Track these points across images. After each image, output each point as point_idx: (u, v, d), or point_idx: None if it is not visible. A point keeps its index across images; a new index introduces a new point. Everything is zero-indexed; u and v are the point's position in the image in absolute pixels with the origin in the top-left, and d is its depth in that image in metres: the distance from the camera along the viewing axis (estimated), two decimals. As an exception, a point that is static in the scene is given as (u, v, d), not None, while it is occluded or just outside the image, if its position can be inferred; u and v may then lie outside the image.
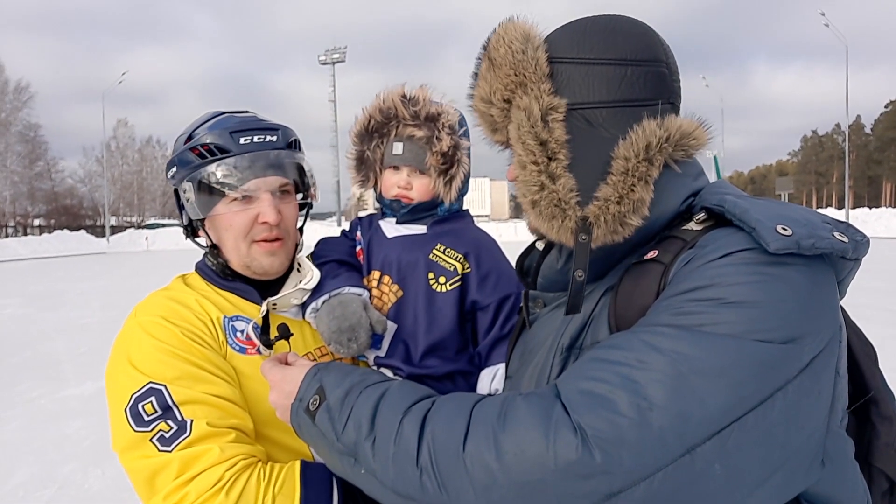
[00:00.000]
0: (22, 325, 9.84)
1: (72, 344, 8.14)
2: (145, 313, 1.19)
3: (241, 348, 1.21)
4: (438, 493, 0.74)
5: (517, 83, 0.91)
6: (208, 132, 1.26)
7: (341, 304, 1.30)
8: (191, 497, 0.99)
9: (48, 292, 14.55)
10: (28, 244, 35.17)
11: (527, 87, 0.90)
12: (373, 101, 1.45)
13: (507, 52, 0.91)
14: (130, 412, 1.05)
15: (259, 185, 1.24)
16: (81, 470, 4.01)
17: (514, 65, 0.91)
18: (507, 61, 0.91)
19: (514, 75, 0.91)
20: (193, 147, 1.25)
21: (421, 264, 1.37)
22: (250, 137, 1.25)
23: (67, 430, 4.80)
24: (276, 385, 1.03)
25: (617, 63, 0.90)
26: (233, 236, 1.26)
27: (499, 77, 0.92)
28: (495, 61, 0.93)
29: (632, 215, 0.84)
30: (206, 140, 1.24)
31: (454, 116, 1.39)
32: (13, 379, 6.41)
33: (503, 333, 1.36)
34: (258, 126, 1.28)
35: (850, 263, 0.78)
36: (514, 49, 0.91)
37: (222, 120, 1.29)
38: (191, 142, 1.26)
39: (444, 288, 1.36)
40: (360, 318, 1.29)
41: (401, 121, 1.41)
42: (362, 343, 1.29)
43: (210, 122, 1.29)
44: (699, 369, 0.69)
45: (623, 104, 0.89)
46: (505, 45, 0.92)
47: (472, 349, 1.40)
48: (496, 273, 1.39)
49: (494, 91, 0.93)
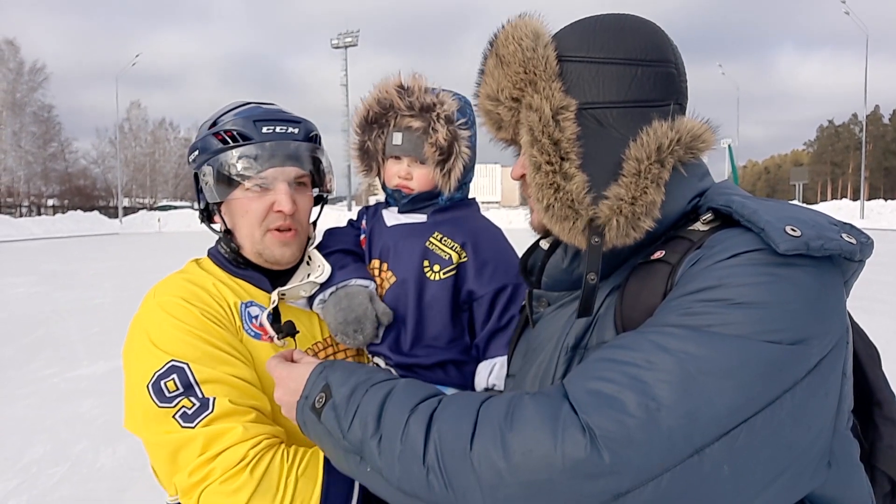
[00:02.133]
0: (35, 304, 9.96)
1: (84, 324, 8.24)
2: (165, 294, 1.21)
3: (255, 334, 1.23)
4: (445, 491, 0.74)
5: (527, 81, 0.89)
6: (233, 119, 1.29)
7: (348, 295, 1.31)
8: (216, 473, 1.01)
9: (61, 272, 14.72)
10: (42, 224, 35.58)
11: (537, 86, 0.89)
12: (371, 90, 1.44)
13: (516, 50, 0.90)
14: (153, 388, 1.07)
15: (276, 175, 1.26)
16: (93, 448, 4.08)
17: (523, 62, 0.89)
18: (517, 59, 0.90)
19: (524, 73, 0.89)
20: (217, 132, 1.28)
21: (416, 252, 1.37)
22: (273, 128, 1.28)
23: (79, 408, 4.87)
24: (282, 382, 1.03)
25: (627, 63, 0.89)
26: (248, 222, 1.28)
27: (507, 75, 0.91)
28: (504, 59, 0.91)
29: (644, 217, 0.84)
30: (230, 126, 1.27)
31: (451, 106, 1.37)
32: (27, 357, 6.51)
33: (500, 325, 1.35)
34: (281, 118, 1.30)
35: (854, 265, 0.78)
36: (524, 46, 0.90)
37: (248, 109, 1.32)
38: (215, 127, 1.29)
39: (437, 276, 1.35)
40: (366, 310, 1.30)
41: (398, 111, 1.40)
42: (368, 335, 1.30)
43: (235, 110, 1.32)
44: (707, 370, 0.68)
45: (633, 104, 0.88)
46: (514, 43, 0.90)
47: (467, 339, 1.39)
48: (493, 263, 1.38)
49: (502, 89, 0.92)
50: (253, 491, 1.00)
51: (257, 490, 1.00)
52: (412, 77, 1.40)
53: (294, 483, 1.03)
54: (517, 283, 1.36)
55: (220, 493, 1.00)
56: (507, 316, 1.35)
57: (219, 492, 1.00)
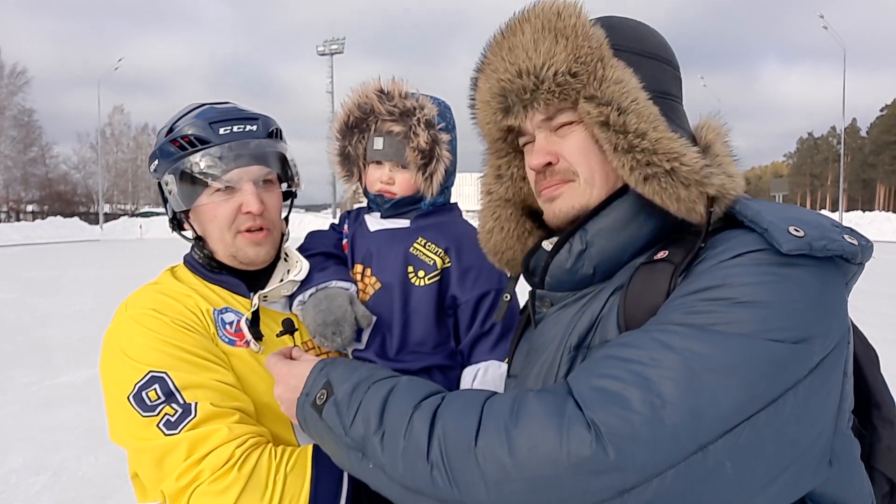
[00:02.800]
0: (15, 311, 9.79)
1: (65, 331, 8.10)
2: (136, 306, 1.19)
3: (230, 340, 1.22)
4: (449, 488, 0.74)
5: (596, 56, 0.86)
6: (188, 124, 1.26)
7: (327, 297, 1.30)
8: (205, 474, 1.00)
9: (41, 279, 14.47)
10: (21, 230, 34.99)
11: (606, 61, 0.87)
12: (350, 95, 1.43)
13: (577, 24, 0.87)
14: (135, 399, 1.06)
15: (241, 175, 1.25)
16: (75, 457, 4.00)
17: (588, 36, 0.87)
18: (580, 32, 0.87)
19: (589, 47, 0.86)
20: (174, 139, 1.25)
21: (400, 258, 1.36)
22: (230, 127, 1.25)
23: (61, 416, 4.78)
24: (282, 379, 1.03)
25: (658, 59, 0.93)
26: (217, 227, 1.26)
27: (566, 48, 0.86)
28: (562, 31, 0.86)
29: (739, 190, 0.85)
30: (187, 132, 1.25)
31: (431, 110, 1.37)
32: (6, 365, 6.38)
33: (483, 330, 1.35)
34: (238, 116, 1.28)
35: (854, 268, 0.79)
36: (582, 21, 0.88)
37: (202, 111, 1.29)
38: (171, 134, 1.27)
39: (422, 282, 1.35)
40: (345, 313, 1.29)
41: (378, 116, 1.40)
42: (346, 337, 1.29)
43: (190, 113, 1.30)
44: (711, 367, 0.69)
45: (670, 98, 0.92)
46: (574, 17, 0.88)
47: (453, 344, 1.38)
48: (476, 269, 1.36)
49: (552, 64, 0.86)
50: (242, 489, 0.99)
51: (246, 488, 1.00)
52: (392, 82, 1.40)
53: (283, 479, 1.02)
54: (500, 289, 1.35)
55: (210, 494, 1.00)
56: (490, 321, 1.34)
57: (208, 492, 1.00)
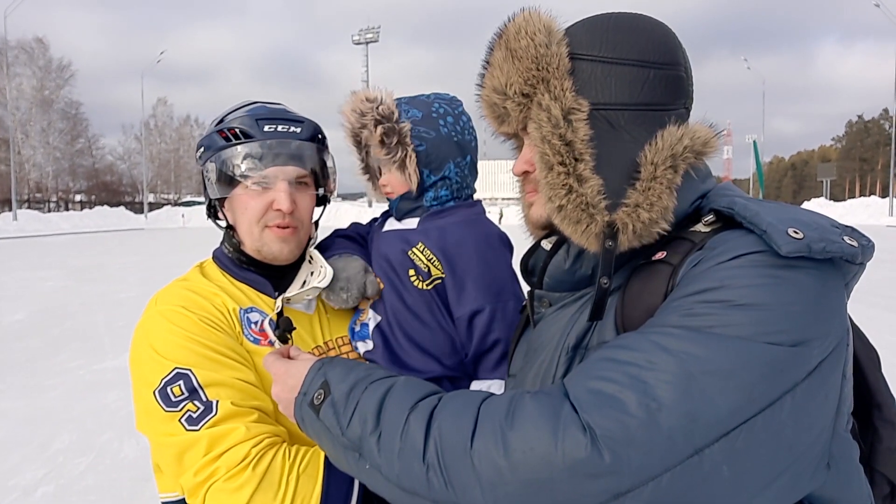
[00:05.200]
0: (63, 297, 10.18)
1: (110, 317, 8.40)
2: (165, 303, 1.24)
3: (255, 339, 1.25)
4: (444, 489, 0.74)
5: (539, 78, 0.88)
6: (237, 117, 1.31)
7: (343, 258, 1.35)
8: (220, 472, 1.04)
9: (88, 266, 15.00)
10: (69, 219, 36.28)
11: (549, 84, 0.88)
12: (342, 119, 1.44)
13: (529, 45, 0.88)
14: (160, 394, 1.11)
15: (276, 174, 1.28)
16: (117, 439, 4.16)
17: (536, 59, 0.88)
18: (529, 54, 0.88)
19: (537, 70, 0.88)
20: (221, 130, 1.31)
21: (401, 260, 1.36)
22: (275, 126, 1.29)
23: (105, 400, 4.98)
24: (280, 378, 1.03)
25: (640, 64, 0.88)
26: (247, 219, 1.30)
27: (518, 70, 0.89)
28: (516, 53, 0.89)
29: (660, 222, 0.83)
30: (234, 124, 1.30)
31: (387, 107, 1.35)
32: (54, 349, 6.66)
33: (484, 348, 1.31)
34: (284, 117, 1.32)
35: (855, 268, 0.77)
36: (536, 42, 0.88)
37: (253, 108, 1.34)
38: (220, 125, 1.32)
39: (423, 285, 1.34)
40: (357, 273, 1.33)
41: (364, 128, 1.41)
42: (353, 296, 1.32)
43: (242, 108, 1.35)
44: (708, 370, 0.68)
45: (645, 107, 0.88)
46: (527, 37, 0.89)
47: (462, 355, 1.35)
48: (470, 283, 1.32)
49: (511, 83, 0.90)
50: (255, 487, 1.02)
51: (259, 487, 1.03)
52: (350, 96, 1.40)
53: (295, 480, 1.05)
54: (496, 305, 1.31)
55: (224, 491, 1.03)
56: (491, 339, 1.30)
57: (223, 489, 1.03)
